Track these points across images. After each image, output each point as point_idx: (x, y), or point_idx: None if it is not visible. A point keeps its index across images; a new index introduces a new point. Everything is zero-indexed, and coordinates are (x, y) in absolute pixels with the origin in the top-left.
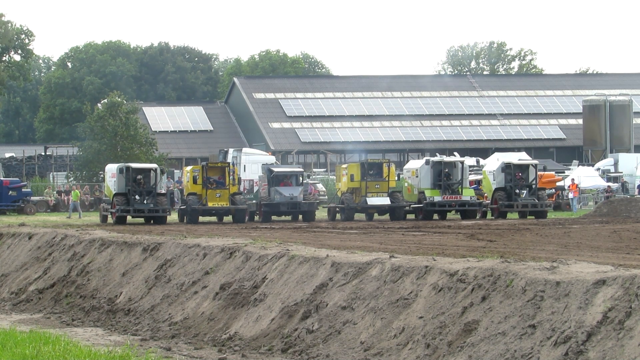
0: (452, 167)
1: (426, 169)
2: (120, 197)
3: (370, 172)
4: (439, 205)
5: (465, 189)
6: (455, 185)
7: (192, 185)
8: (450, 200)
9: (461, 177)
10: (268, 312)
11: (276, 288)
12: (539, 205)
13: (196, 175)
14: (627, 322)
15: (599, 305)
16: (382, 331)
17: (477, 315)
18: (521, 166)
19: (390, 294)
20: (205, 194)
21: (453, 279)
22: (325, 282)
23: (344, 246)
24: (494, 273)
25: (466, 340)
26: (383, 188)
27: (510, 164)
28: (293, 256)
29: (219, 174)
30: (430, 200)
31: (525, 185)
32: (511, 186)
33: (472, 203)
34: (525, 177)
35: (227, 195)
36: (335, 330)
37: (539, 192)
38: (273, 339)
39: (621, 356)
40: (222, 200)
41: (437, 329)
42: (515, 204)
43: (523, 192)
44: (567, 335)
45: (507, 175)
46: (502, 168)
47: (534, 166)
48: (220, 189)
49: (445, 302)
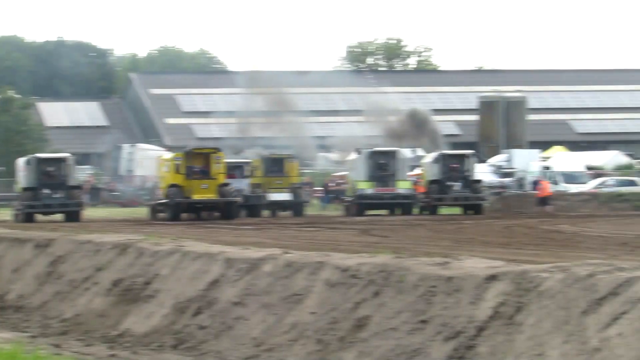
0: (391, 157)
1: (361, 160)
2: (28, 192)
3: (271, 167)
4: (370, 198)
5: (402, 181)
6: (389, 177)
7: (174, 175)
8: (383, 193)
9: (397, 169)
10: (160, 308)
11: (169, 284)
12: (472, 199)
13: (178, 164)
14: (517, 317)
15: (490, 300)
16: (274, 327)
17: (369, 310)
18: (457, 156)
19: (283, 289)
20: (190, 186)
21: (346, 274)
22: (218, 278)
23: (238, 242)
24: (386, 269)
25: (357, 335)
26: (284, 183)
27: (444, 154)
28: (186, 252)
29: (203, 162)
30: (361, 192)
31: (460, 177)
32: (444, 178)
33: (406, 196)
34: (461, 168)
35: (215, 186)
36: (227, 326)
37: (475, 184)
38: (164, 335)
39: (510, 350)
40: (208, 192)
41: (329, 324)
42: (447, 197)
43: (457, 185)
44: (457, 330)
45: (440, 167)
46: (436, 159)
47: (471, 156)
48: (206, 179)
49: (338, 297)
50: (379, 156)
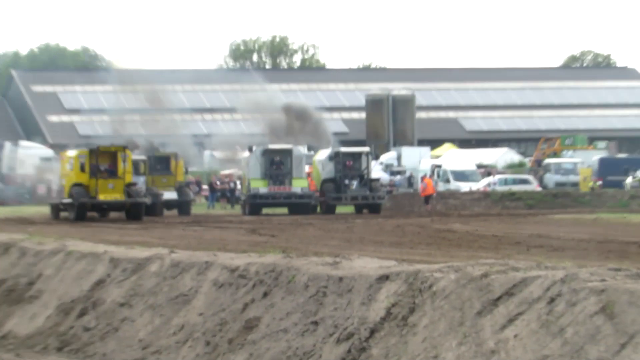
0: (286, 155)
1: (253, 157)
2: None
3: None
4: (264, 198)
5: (297, 179)
6: (284, 176)
7: (78, 173)
8: (276, 192)
9: (293, 166)
10: (44, 309)
11: (53, 285)
12: (370, 197)
13: (83, 162)
14: (410, 318)
15: (382, 301)
16: (162, 328)
17: (259, 311)
18: (352, 154)
19: (170, 290)
20: (96, 185)
21: (234, 274)
22: (104, 278)
23: (123, 241)
24: (275, 269)
25: (247, 337)
26: (170, 182)
27: (339, 152)
28: (70, 252)
29: (109, 161)
30: (254, 191)
31: (357, 175)
32: (340, 176)
33: (301, 195)
34: (357, 166)
35: (122, 186)
36: (112, 327)
37: (372, 182)
38: (48, 337)
39: (404, 353)
40: (115, 192)
41: (218, 326)
42: (344, 196)
43: (353, 183)
44: (349, 332)
45: (336, 165)
46: (330, 156)
47: (366, 154)
48: (112, 178)
49: (226, 298)
50: (273, 154)
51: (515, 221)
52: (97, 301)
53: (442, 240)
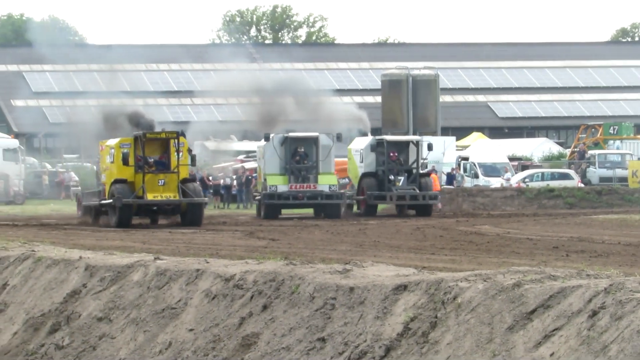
0: (311, 145)
1: (270, 147)
2: None
3: None
4: (284, 198)
5: (324, 175)
6: (307, 171)
7: (120, 167)
8: (299, 191)
9: (319, 160)
10: (10, 324)
11: (19, 296)
12: (420, 197)
13: (126, 152)
14: (432, 334)
15: (400, 314)
16: (146, 346)
17: (258, 327)
18: (398, 143)
19: (155, 302)
20: (142, 182)
21: (229, 284)
22: (78, 288)
23: (101, 246)
24: (277, 277)
25: (244, 356)
26: None
27: (384, 140)
28: (39, 258)
29: (160, 151)
30: (272, 190)
31: (404, 170)
32: (384, 171)
33: (328, 195)
34: (404, 159)
35: (176, 182)
36: (89, 345)
37: (422, 178)
38: (16, 357)
39: None
40: (167, 191)
41: (211, 343)
42: (389, 194)
43: (400, 179)
44: (362, 350)
45: (379, 156)
46: (371, 146)
47: (415, 144)
48: (163, 173)
49: (220, 311)
50: (295, 143)
51: (553, 222)
52: (71, 315)
53: (468, 244)
